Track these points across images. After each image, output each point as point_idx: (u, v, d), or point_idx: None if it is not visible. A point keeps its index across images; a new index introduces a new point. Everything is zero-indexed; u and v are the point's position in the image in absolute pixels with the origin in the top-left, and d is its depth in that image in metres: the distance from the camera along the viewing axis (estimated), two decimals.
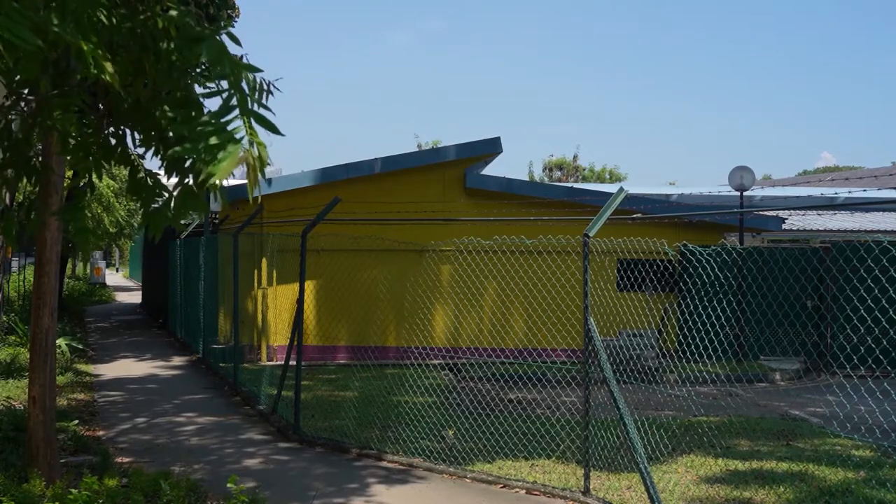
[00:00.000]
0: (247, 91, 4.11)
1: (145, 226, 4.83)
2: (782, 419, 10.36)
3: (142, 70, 4.52)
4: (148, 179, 5.33)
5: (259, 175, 3.79)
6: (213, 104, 4.93)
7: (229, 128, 3.88)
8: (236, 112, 3.94)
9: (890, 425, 8.05)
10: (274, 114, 4.10)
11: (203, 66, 4.57)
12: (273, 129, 4.03)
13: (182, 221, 5.08)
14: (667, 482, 7.19)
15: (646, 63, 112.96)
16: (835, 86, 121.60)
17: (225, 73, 4.02)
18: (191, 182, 5.06)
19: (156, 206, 5.08)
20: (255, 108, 4.07)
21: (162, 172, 5.41)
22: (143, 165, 5.38)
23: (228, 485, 5.69)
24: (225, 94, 4.03)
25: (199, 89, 4.97)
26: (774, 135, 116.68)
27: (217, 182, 3.69)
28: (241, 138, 3.79)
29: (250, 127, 3.86)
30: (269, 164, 3.85)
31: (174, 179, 5.39)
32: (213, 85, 4.69)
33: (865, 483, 7.11)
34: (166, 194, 5.10)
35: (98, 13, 4.06)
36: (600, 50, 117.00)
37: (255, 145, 3.77)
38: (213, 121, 3.95)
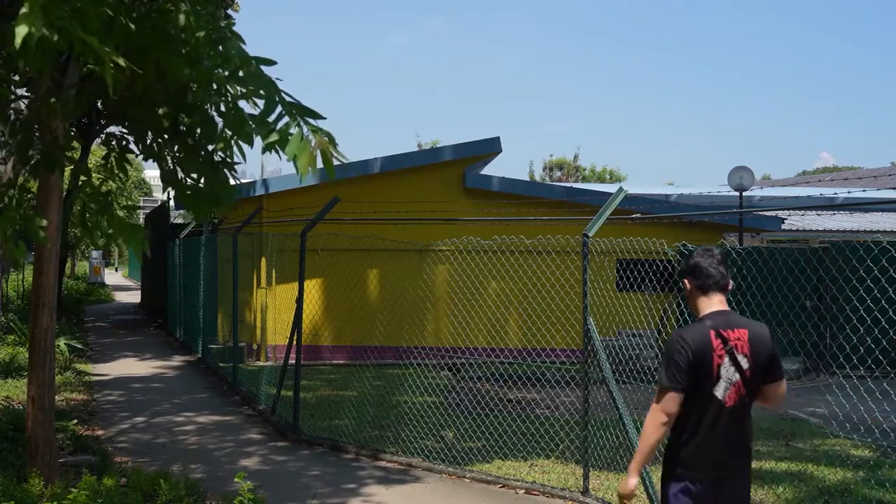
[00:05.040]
0: (285, 96, 4.30)
1: (147, 223, 5.04)
2: (782, 419, 10.36)
3: (149, 65, 4.53)
4: (177, 171, 5.40)
5: (331, 159, 4.12)
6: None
7: (279, 126, 4.18)
8: (279, 109, 4.14)
9: (889, 425, 8.05)
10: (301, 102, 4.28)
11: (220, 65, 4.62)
12: (316, 115, 4.17)
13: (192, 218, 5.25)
14: None
15: (646, 63, 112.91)
16: (834, 86, 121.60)
17: (254, 73, 4.14)
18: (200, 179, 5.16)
19: (189, 193, 5.23)
20: (290, 100, 4.22)
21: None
22: (167, 158, 5.43)
23: (236, 480, 5.68)
24: (263, 100, 4.23)
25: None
26: (774, 135, 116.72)
27: (304, 175, 4.11)
28: (304, 134, 4.10)
29: (296, 120, 4.06)
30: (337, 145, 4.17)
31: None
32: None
33: (864, 483, 7.11)
34: (199, 184, 5.24)
35: (105, 9, 4.08)
36: (601, 50, 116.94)
37: (318, 133, 4.08)
38: (266, 119, 4.19)
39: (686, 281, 3.89)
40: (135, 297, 34.56)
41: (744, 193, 18.18)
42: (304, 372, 10.14)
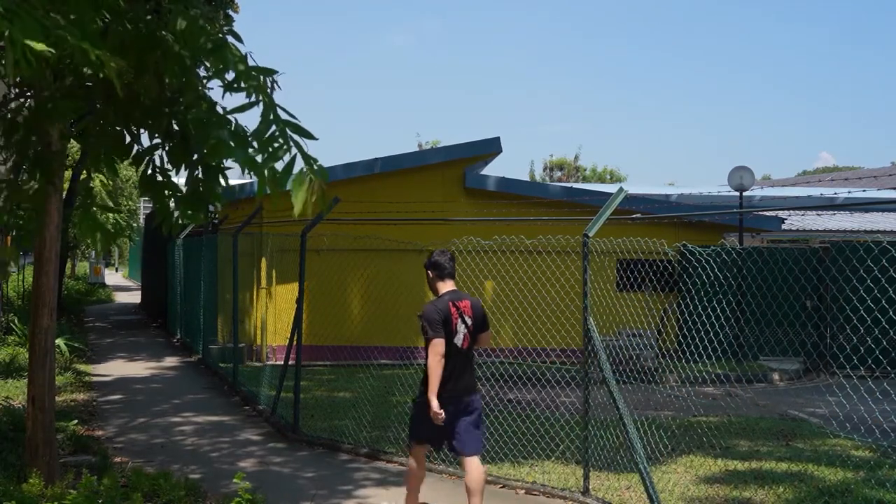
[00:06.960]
0: (276, 106, 4.29)
1: (147, 223, 5.06)
2: (782, 419, 10.35)
3: (146, 68, 4.52)
4: (158, 177, 5.38)
5: (325, 197, 4.33)
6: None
7: (274, 146, 4.32)
8: (273, 128, 4.19)
9: (890, 425, 8.04)
10: (298, 120, 4.34)
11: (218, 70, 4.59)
12: (308, 135, 4.26)
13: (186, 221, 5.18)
14: (666, 482, 7.18)
15: (646, 63, 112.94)
16: (834, 86, 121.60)
17: (254, 87, 4.14)
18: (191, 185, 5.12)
19: (167, 201, 5.20)
20: (286, 116, 4.24)
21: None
22: (154, 163, 5.41)
23: (234, 480, 5.68)
24: (260, 112, 4.27)
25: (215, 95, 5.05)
26: (774, 135, 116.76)
27: (298, 210, 4.38)
28: (294, 163, 4.28)
29: (288, 139, 4.12)
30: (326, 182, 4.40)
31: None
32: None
33: (865, 483, 7.10)
34: (179, 192, 5.19)
35: (101, 14, 4.07)
36: (601, 50, 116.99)
37: (312, 169, 4.27)
38: (261, 142, 4.24)
39: (429, 272, 5.99)
40: (135, 297, 34.56)
41: (744, 193, 18.18)
42: (304, 372, 10.13)
